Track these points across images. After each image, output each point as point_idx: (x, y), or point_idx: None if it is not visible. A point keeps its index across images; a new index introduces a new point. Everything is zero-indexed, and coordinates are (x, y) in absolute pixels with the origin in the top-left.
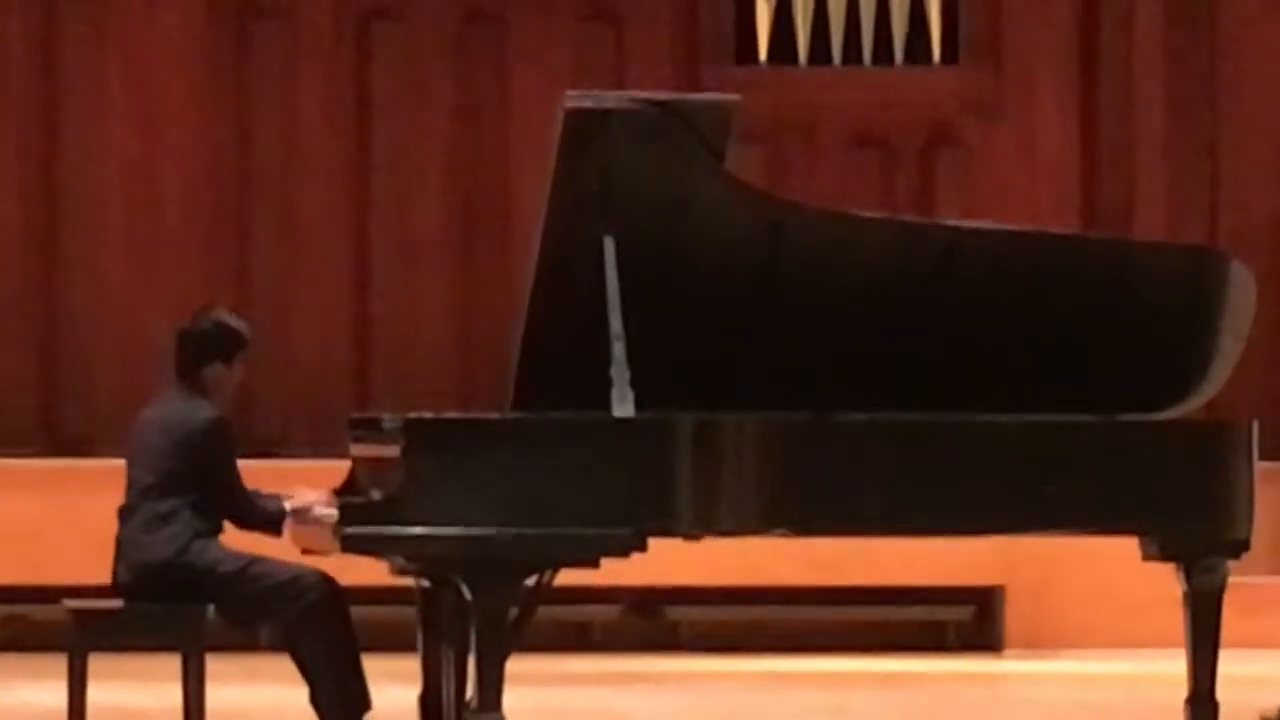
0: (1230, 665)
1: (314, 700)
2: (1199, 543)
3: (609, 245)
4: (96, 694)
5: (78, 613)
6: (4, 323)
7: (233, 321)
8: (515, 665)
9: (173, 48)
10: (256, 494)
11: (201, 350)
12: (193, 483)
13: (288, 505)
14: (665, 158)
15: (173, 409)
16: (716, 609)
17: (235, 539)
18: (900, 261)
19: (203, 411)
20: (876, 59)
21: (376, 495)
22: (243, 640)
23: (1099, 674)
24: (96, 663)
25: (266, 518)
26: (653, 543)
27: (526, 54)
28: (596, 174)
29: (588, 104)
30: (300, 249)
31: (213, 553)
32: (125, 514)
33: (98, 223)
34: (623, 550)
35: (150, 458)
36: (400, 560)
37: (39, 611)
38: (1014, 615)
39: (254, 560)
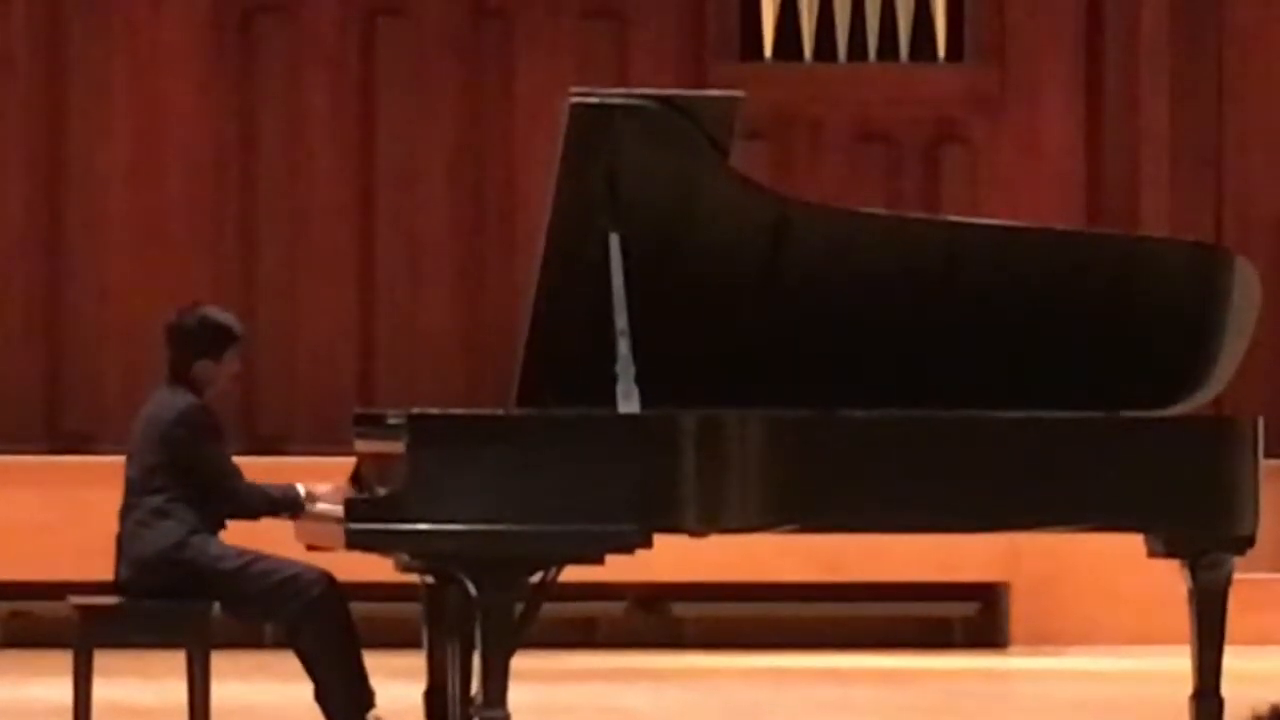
0: (1235, 661)
1: (318, 697)
2: (1204, 539)
3: (614, 241)
4: (101, 690)
5: (83, 609)
6: (9, 320)
7: (219, 317)
8: (520, 661)
9: (177, 46)
10: (264, 486)
11: (188, 347)
12: (178, 474)
13: (303, 490)
14: (670, 154)
15: (159, 404)
16: (721, 605)
17: (240, 535)
18: (905, 258)
19: (182, 401)
20: (882, 55)
21: (381, 492)
22: (247, 637)
23: (1104, 670)
24: (101, 659)
25: (271, 502)
26: (658, 539)
27: (531, 50)
28: (602, 170)
29: (593, 100)
30: (305, 246)
31: (213, 549)
32: (123, 513)
33: (102, 220)
34: (628, 547)
35: (139, 454)
36: (405, 557)
37: (43, 607)
38: (1019, 612)
39: (255, 558)
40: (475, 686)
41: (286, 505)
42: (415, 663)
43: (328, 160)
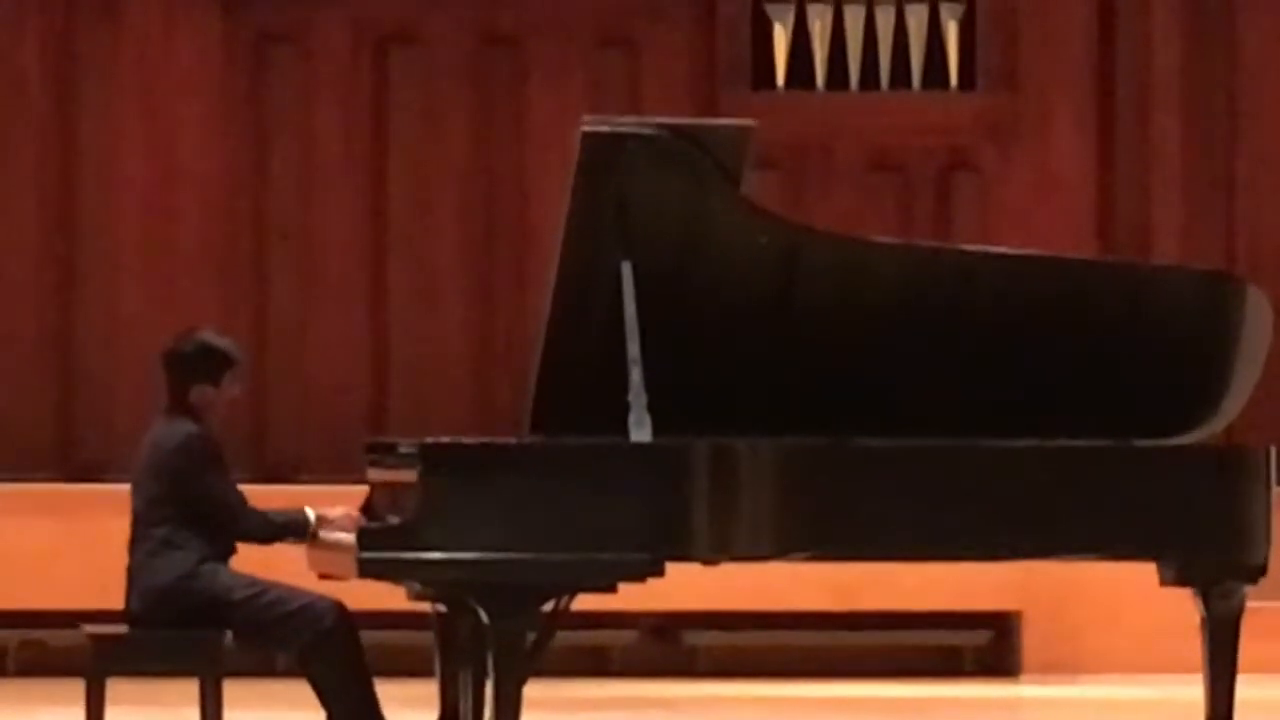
0: (1247, 690)
1: None
2: (1216, 568)
3: (626, 270)
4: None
5: (96, 638)
6: (21, 349)
7: (217, 342)
8: (532, 690)
9: (189, 74)
10: (269, 513)
11: (186, 372)
12: (182, 504)
13: (312, 514)
14: (682, 183)
15: (159, 433)
16: (733, 634)
17: (252, 563)
18: (917, 286)
19: (181, 431)
20: (894, 84)
21: (393, 520)
22: (260, 665)
23: (1116, 700)
24: (114, 688)
25: (276, 528)
26: (670, 567)
27: (543, 78)
28: (613, 199)
29: (605, 129)
30: (317, 274)
31: (224, 578)
32: (132, 545)
33: (114, 250)
34: (640, 575)
35: (143, 485)
36: (417, 585)
37: (55, 636)
38: (1031, 641)
39: (266, 588)
40: (488, 715)
41: (292, 531)
42: (427, 691)
43: (339, 188)
